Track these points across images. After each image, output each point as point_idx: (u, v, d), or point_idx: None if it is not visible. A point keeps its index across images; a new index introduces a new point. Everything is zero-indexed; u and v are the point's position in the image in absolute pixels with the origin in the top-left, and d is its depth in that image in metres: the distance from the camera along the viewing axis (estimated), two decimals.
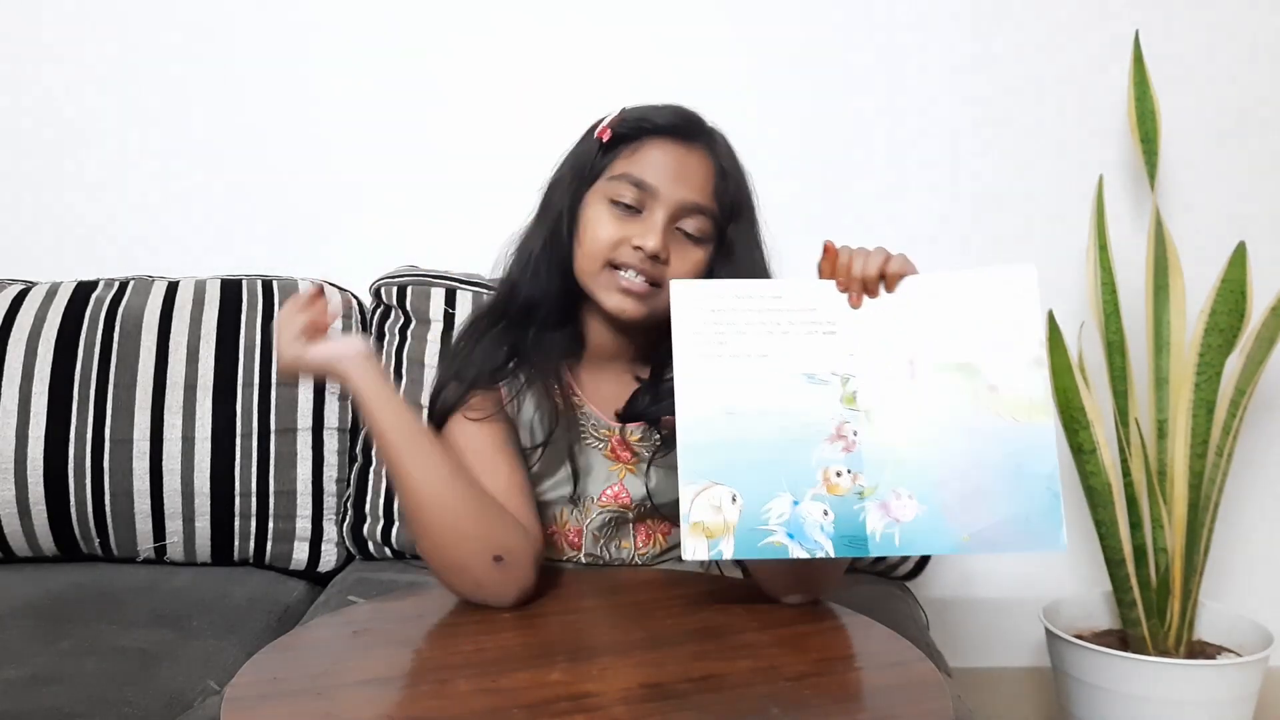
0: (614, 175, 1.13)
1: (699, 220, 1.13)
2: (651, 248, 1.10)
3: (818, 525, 0.98)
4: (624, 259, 1.11)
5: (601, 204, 1.13)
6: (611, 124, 1.14)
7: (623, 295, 1.12)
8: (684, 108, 1.17)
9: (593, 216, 1.13)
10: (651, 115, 1.15)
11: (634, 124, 1.14)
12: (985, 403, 0.98)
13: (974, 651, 2.00)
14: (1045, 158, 1.92)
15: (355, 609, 1.14)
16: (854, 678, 0.97)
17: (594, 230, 1.12)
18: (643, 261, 1.11)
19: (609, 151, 1.14)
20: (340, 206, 1.92)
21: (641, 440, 1.19)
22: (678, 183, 1.12)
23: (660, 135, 1.13)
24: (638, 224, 1.11)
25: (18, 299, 1.69)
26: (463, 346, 1.19)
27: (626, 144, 1.13)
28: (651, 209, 1.12)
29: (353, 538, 1.67)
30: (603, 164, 1.14)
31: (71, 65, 1.90)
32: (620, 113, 1.15)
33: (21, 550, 1.64)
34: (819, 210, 1.90)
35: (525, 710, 0.84)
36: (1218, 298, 1.73)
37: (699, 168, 1.14)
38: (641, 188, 1.11)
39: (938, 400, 0.99)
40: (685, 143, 1.14)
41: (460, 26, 1.90)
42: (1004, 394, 0.98)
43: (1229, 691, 1.71)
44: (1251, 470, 1.97)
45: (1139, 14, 1.84)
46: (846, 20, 1.90)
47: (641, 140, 1.13)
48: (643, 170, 1.12)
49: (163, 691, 1.25)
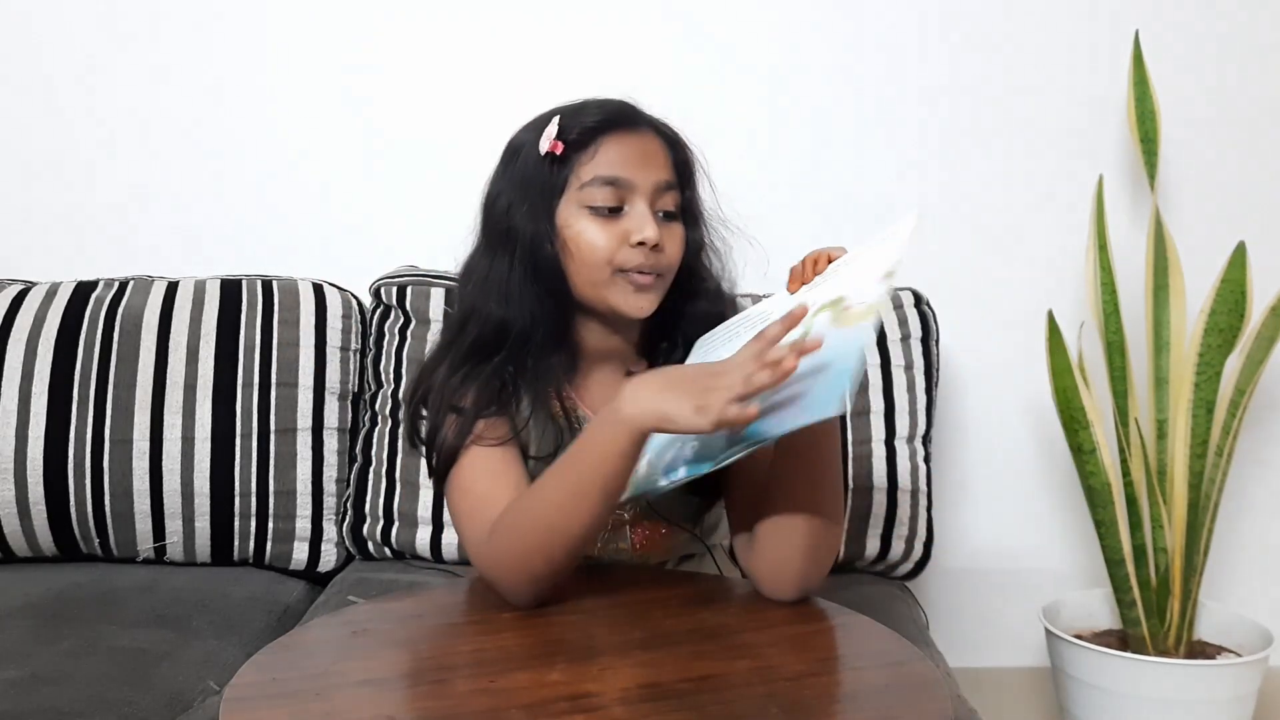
0: (584, 183, 1.11)
1: (671, 195, 1.14)
2: (651, 237, 1.10)
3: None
4: (627, 260, 1.11)
5: (579, 214, 1.11)
6: (561, 136, 1.12)
7: (638, 294, 1.12)
8: (611, 98, 1.17)
9: (577, 229, 1.11)
10: (595, 115, 1.13)
11: (585, 129, 1.12)
12: (837, 321, 0.99)
13: (974, 651, 2.00)
14: (1045, 158, 1.92)
15: (355, 609, 1.14)
16: (854, 678, 0.97)
17: (586, 242, 1.11)
18: (646, 255, 1.11)
19: (563, 163, 1.12)
20: (340, 206, 1.92)
21: None
22: (646, 168, 1.12)
23: (614, 128, 1.13)
24: (625, 221, 1.11)
25: (18, 299, 1.69)
26: (448, 381, 1.13)
27: (580, 149, 1.12)
28: (632, 201, 1.11)
29: (352, 538, 1.67)
30: (561, 177, 1.12)
31: (72, 65, 1.90)
32: (556, 122, 1.13)
33: (21, 550, 1.65)
34: (818, 211, 1.90)
35: (524, 710, 0.84)
36: (1217, 297, 1.73)
37: (654, 147, 1.14)
38: (617, 185, 1.11)
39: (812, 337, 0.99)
40: (632, 128, 1.14)
41: (460, 27, 1.90)
42: (853, 310, 0.99)
43: (1229, 691, 1.71)
44: (1251, 470, 1.97)
45: (1139, 14, 1.84)
46: (846, 19, 1.90)
47: (596, 141, 1.12)
48: (611, 167, 1.11)
49: (163, 691, 1.25)
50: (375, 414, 1.68)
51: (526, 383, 1.13)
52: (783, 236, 1.28)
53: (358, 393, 1.71)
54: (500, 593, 1.05)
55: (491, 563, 1.05)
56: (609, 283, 1.11)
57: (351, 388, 1.70)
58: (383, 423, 1.67)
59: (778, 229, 1.27)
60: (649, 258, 1.11)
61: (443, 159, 1.90)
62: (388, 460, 1.65)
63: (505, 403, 1.12)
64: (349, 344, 1.71)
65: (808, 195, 1.89)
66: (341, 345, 1.70)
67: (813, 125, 1.91)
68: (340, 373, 1.69)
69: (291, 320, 1.68)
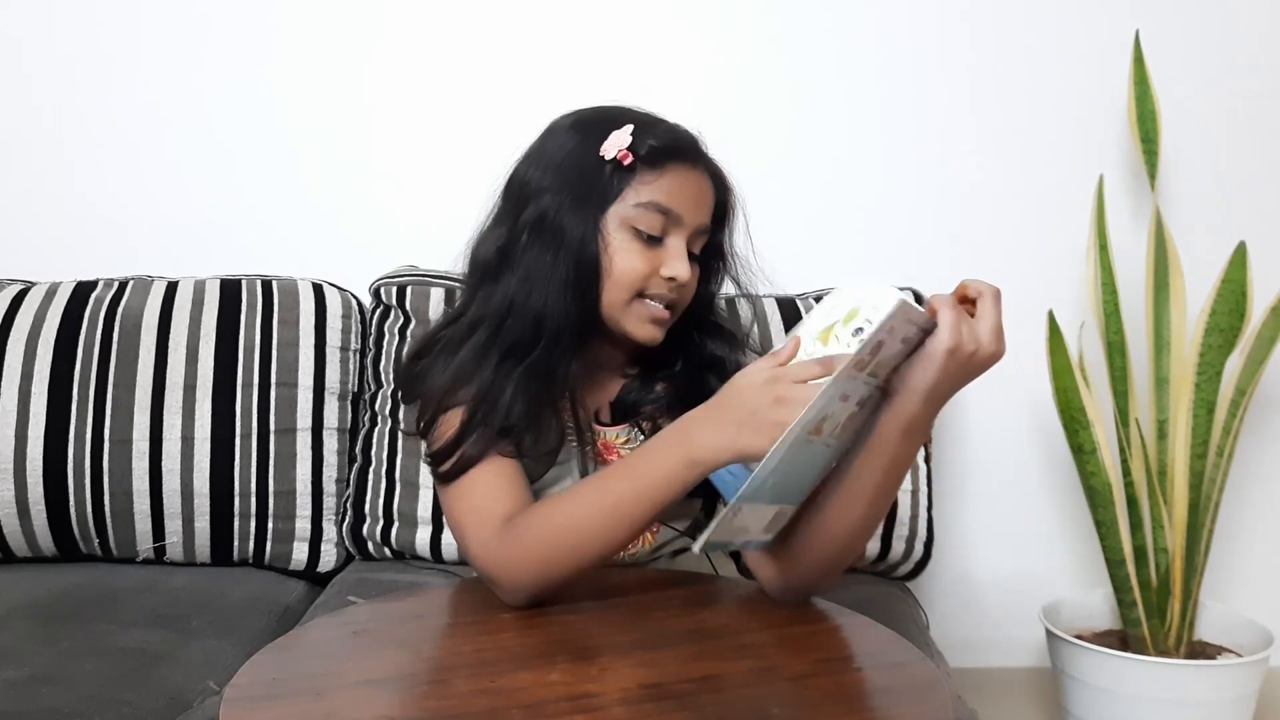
0: (640, 203, 1.08)
1: (704, 239, 1.14)
2: (683, 277, 1.09)
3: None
4: (654, 289, 1.10)
5: (622, 232, 1.09)
6: (632, 147, 1.08)
7: (653, 324, 1.12)
8: (682, 126, 1.14)
9: (619, 246, 1.09)
10: (667, 138, 1.10)
11: (655, 150, 1.09)
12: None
13: (974, 651, 2.00)
14: (1045, 158, 1.92)
15: (355, 609, 1.14)
16: (854, 678, 0.97)
17: (624, 262, 1.09)
18: (671, 290, 1.10)
19: (624, 175, 1.09)
20: (340, 206, 1.92)
21: (627, 443, 1.19)
22: (698, 209, 1.12)
23: (682, 160, 1.10)
24: (662, 252, 1.10)
25: (17, 299, 1.69)
26: (478, 386, 1.10)
27: (649, 168, 1.09)
28: (674, 235, 1.10)
29: (352, 538, 1.67)
30: (619, 187, 1.09)
31: (72, 65, 1.90)
32: (630, 131, 1.09)
33: (21, 550, 1.64)
34: (818, 212, 1.90)
35: (525, 710, 0.84)
36: (1218, 297, 1.73)
37: (708, 189, 1.14)
38: (668, 216, 1.09)
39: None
40: (695, 165, 1.12)
41: (461, 27, 1.90)
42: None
43: (1229, 691, 1.71)
44: (1252, 470, 1.97)
45: (1139, 14, 1.84)
46: (844, 20, 1.90)
47: (663, 166, 1.09)
48: (669, 199, 1.09)
49: (162, 691, 1.24)
50: (375, 414, 1.68)
51: (541, 384, 1.11)
52: (780, 238, 1.28)
53: (357, 393, 1.71)
54: (499, 591, 1.05)
55: (504, 561, 1.03)
56: (629, 306, 1.11)
57: (351, 388, 1.70)
58: (383, 423, 1.67)
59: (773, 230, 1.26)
60: (672, 292, 1.11)
61: (443, 159, 1.90)
62: (387, 460, 1.65)
63: (534, 418, 1.11)
64: (349, 344, 1.71)
65: (804, 197, 1.89)
66: (341, 345, 1.70)
67: (811, 125, 1.91)
68: (340, 373, 1.68)
69: (291, 320, 1.68)
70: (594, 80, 1.87)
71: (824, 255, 1.89)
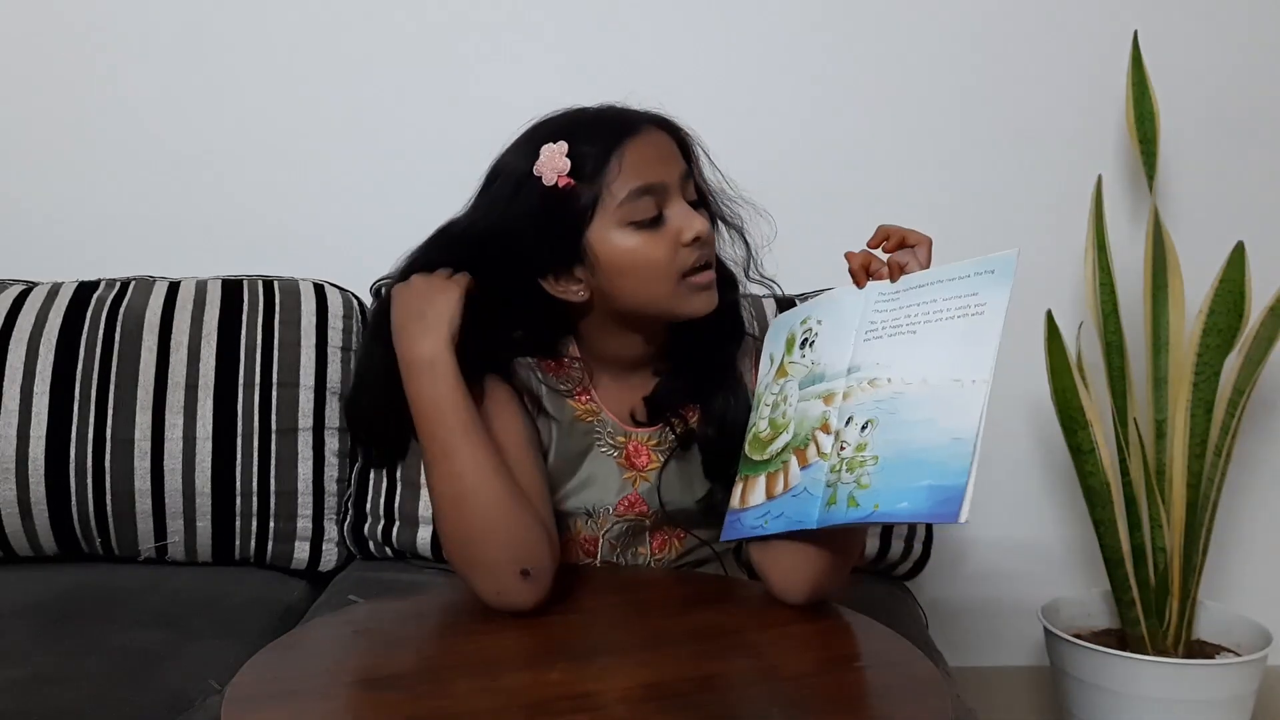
0: (621, 200, 1.07)
1: (690, 182, 1.12)
2: (702, 230, 1.08)
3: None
4: (686, 261, 1.08)
5: (623, 232, 1.07)
6: (572, 165, 1.06)
7: (705, 292, 1.10)
8: (599, 107, 1.13)
9: (628, 247, 1.07)
10: (603, 133, 1.09)
11: (600, 152, 1.07)
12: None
13: (974, 651, 2.00)
14: (1044, 158, 1.92)
15: (355, 609, 1.15)
16: (854, 678, 0.97)
17: (645, 258, 1.07)
18: (701, 248, 1.09)
19: (586, 188, 1.06)
20: (341, 206, 1.92)
21: (658, 445, 1.18)
22: (667, 163, 1.10)
23: (625, 138, 1.09)
24: (669, 224, 1.08)
25: (19, 299, 1.69)
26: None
27: (602, 169, 1.07)
28: (669, 202, 1.09)
29: (353, 537, 1.67)
30: (587, 202, 1.07)
31: (71, 65, 1.90)
32: (563, 154, 1.06)
33: (23, 550, 1.65)
34: (818, 210, 1.90)
35: (525, 710, 0.84)
36: (1216, 298, 1.73)
37: (662, 139, 1.12)
38: (653, 192, 1.07)
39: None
40: (640, 129, 1.10)
41: (462, 27, 1.90)
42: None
43: (1228, 691, 1.72)
44: (1250, 470, 1.97)
45: (1139, 14, 1.84)
46: (845, 19, 1.91)
47: (618, 155, 1.07)
48: (641, 177, 1.07)
49: (163, 691, 1.25)
50: None
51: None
52: (779, 237, 1.28)
53: None
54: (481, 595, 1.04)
55: (448, 555, 1.06)
56: (674, 291, 1.09)
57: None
58: None
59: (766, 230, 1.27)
60: (702, 251, 1.09)
61: (443, 159, 1.90)
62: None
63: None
64: (350, 344, 1.71)
65: (804, 196, 1.89)
66: (343, 345, 1.70)
67: (810, 126, 1.91)
68: (341, 373, 1.69)
69: (293, 320, 1.68)
70: (596, 80, 1.85)
71: (823, 255, 1.88)
